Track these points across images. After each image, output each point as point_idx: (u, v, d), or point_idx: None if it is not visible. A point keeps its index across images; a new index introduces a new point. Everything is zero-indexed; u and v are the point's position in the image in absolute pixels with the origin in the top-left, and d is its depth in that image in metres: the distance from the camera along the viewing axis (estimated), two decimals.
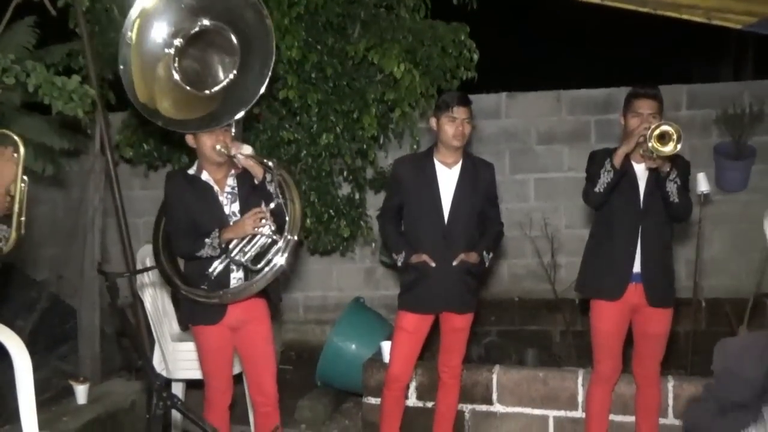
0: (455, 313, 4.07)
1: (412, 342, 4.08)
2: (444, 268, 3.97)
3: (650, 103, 3.79)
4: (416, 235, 4.02)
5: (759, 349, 2.13)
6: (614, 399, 4.16)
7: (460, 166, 4.03)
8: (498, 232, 4.21)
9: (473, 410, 4.53)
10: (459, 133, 3.92)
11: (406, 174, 4.06)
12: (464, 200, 4.00)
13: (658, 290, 3.91)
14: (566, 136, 6.57)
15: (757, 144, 6.25)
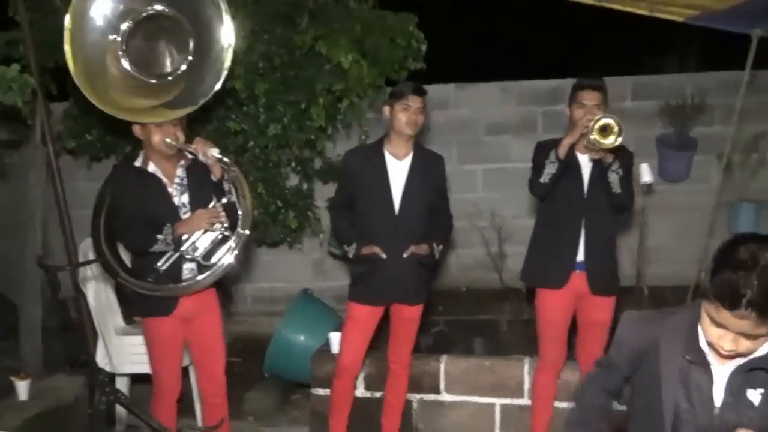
0: (406, 304, 4.09)
1: (363, 333, 4.08)
2: (395, 260, 3.98)
3: (595, 94, 3.85)
4: (367, 226, 4.02)
5: (646, 323, 2.20)
6: (559, 386, 4.21)
7: (410, 158, 4.04)
8: (448, 225, 4.24)
9: (421, 400, 4.56)
10: (412, 122, 3.93)
11: (357, 166, 4.05)
12: (415, 192, 4.01)
13: (602, 279, 3.98)
14: (514, 127, 6.62)
15: (699, 135, 6.36)
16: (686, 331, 2.10)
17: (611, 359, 2.32)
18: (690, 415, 2.09)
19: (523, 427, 4.31)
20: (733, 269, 1.86)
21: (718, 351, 2.00)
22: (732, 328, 1.90)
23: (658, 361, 2.12)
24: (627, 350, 2.24)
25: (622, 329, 2.30)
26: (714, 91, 6.32)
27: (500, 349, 5.88)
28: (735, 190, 6.23)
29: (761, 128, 6.26)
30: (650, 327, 2.18)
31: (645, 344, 2.16)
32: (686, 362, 2.08)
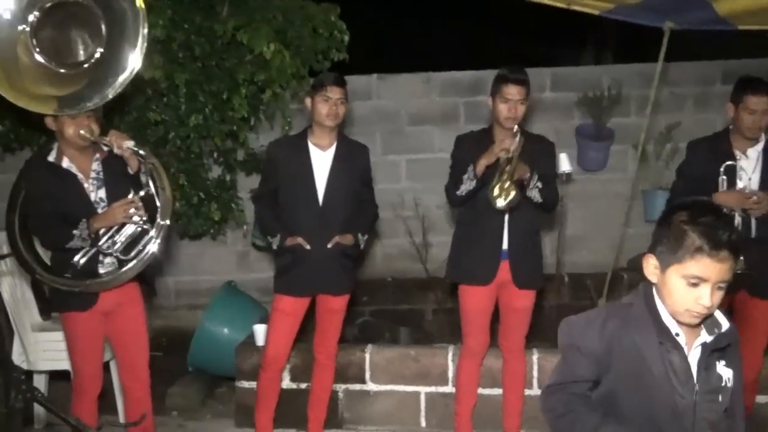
0: (331, 295, 4.09)
1: (289, 324, 4.07)
2: (319, 251, 3.98)
3: (518, 89, 3.87)
4: (292, 217, 4.01)
5: (599, 323, 2.18)
6: (483, 372, 4.29)
7: (334, 149, 4.04)
8: (373, 214, 4.26)
9: (347, 390, 4.57)
10: (332, 113, 3.92)
11: (281, 157, 4.04)
12: (339, 183, 4.01)
13: (525, 273, 4.04)
14: (436, 117, 6.67)
15: (616, 125, 6.53)
16: (650, 316, 2.14)
17: (571, 375, 2.22)
18: (681, 398, 2.12)
19: (448, 414, 4.37)
20: (701, 222, 2.02)
21: (690, 315, 2.07)
22: (713, 276, 2.02)
23: (641, 354, 2.11)
24: (589, 356, 2.17)
25: (572, 337, 2.22)
26: (630, 82, 6.49)
27: (425, 338, 5.94)
28: (650, 179, 6.43)
29: (675, 118, 6.47)
30: (607, 324, 2.16)
31: (607, 343, 2.14)
32: (663, 347, 2.12)
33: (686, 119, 6.48)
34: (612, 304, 2.28)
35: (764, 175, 3.98)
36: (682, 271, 2.04)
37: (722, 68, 6.55)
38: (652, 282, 2.14)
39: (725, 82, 6.45)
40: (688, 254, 2.02)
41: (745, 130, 3.94)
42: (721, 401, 2.14)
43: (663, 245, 2.07)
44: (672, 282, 2.07)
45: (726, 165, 3.98)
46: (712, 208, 2.12)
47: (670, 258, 2.06)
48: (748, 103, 3.88)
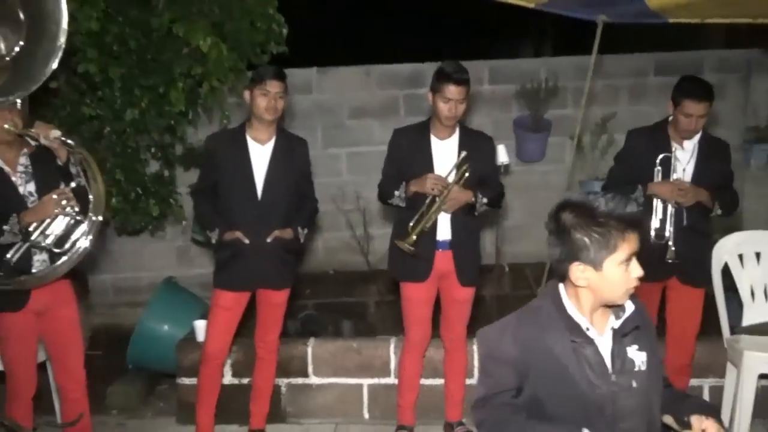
0: (271, 290, 4.08)
1: (228, 319, 4.05)
2: (259, 245, 3.96)
3: (459, 89, 3.87)
4: (231, 212, 3.98)
5: (512, 330, 2.21)
6: (425, 364, 4.32)
7: (273, 143, 4.01)
8: (313, 209, 4.25)
9: (289, 383, 4.56)
10: (272, 107, 3.89)
11: (219, 150, 4.00)
12: (278, 177, 3.99)
13: (468, 270, 4.09)
14: (377, 110, 6.69)
15: (553, 117, 6.63)
16: (560, 316, 2.18)
17: (495, 386, 2.23)
18: (598, 391, 2.16)
19: (391, 405, 4.39)
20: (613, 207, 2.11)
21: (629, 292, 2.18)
22: (636, 247, 2.14)
23: (554, 355, 2.15)
24: (508, 364, 2.19)
25: (490, 347, 2.26)
26: (566, 74, 6.59)
27: (368, 330, 5.97)
28: (587, 169, 6.55)
29: (610, 110, 6.60)
30: (519, 330, 2.20)
31: (522, 349, 2.17)
32: (574, 344, 2.16)
33: (621, 110, 6.63)
34: (522, 309, 2.29)
35: (698, 167, 4.07)
36: (618, 259, 2.10)
37: (655, 60, 6.71)
38: (579, 285, 2.16)
39: (658, 73, 6.61)
40: (619, 240, 2.08)
41: (681, 130, 4.03)
42: (636, 386, 2.19)
43: (589, 247, 2.10)
44: (611, 274, 2.12)
45: (662, 156, 4.07)
46: (593, 195, 2.17)
47: (603, 254, 2.10)
48: (686, 108, 3.95)
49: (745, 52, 6.68)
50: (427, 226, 3.93)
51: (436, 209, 3.92)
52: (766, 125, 6.67)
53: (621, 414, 2.17)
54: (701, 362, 4.34)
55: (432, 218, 3.93)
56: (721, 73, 6.64)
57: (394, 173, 4.06)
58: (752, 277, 4.38)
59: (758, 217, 6.40)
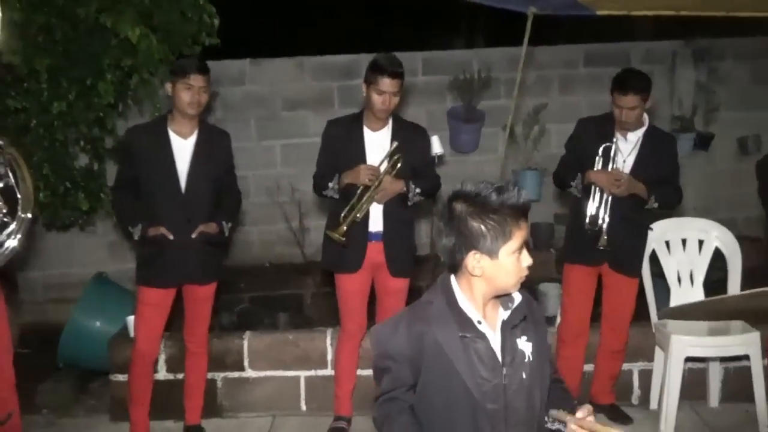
0: (198, 284, 4.03)
1: (157, 316, 4.00)
2: (183, 240, 3.90)
3: (393, 81, 3.88)
4: (153, 207, 3.90)
5: (404, 326, 2.19)
6: (361, 354, 4.33)
7: (195, 136, 3.94)
8: (237, 201, 4.22)
9: (225, 378, 4.53)
10: (195, 102, 3.83)
11: (140, 144, 3.91)
12: (201, 171, 3.93)
13: (399, 261, 4.10)
14: (311, 101, 6.68)
15: (486, 108, 6.70)
16: (450, 311, 2.17)
17: (391, 383, 2.20)
18: (488, 385, 2.15)
19: (328, 397, 4.39)
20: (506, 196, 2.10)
21: (521, 280, 2.17)
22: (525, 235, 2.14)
23: (443, 350, 2.14)
24: (403, 360, 2.17)
25: (383, 345, 2.23)
26: (499, 66, 6.67)
27: (305, 322, 5.94)
28: (520, 159, 6.65)
29: (541, 101, 6.70)
30: (411, 326, 2.18)
31: (415, 345, 2.15)
32: (465, 339, 2.15)
33: (552, 101, 6.74)
34: (414, 304, 2.27)
35: (639, 159, 4.15)
36: (512, 247, 2.10)
37: (584, 52, 6.83)
38: (475, 275, 2.15)
39: (587, 65, 6.75)
40: (514, 229, 2.09)
41: (619, 122, 4.12)
42: (525, 377, 2.19)
43: (485, 236, 2.09)
44: (506, 262, 2.11)
45: (604, 146, 4.15)
46: (482, 184, 2.15)
47: (499, 243, 2.09)
48: (616, 100, 4.05)
49: (670, 43, 6.86)
50: (358, 216, 3.93)
51: (368, 199, 3.93)
52: (690, 115, 6.86)
53: (510, 407, 2.17)
54: (631, 347, 4.44)
55: (363, 209, 3.94)
56: (648, 64, 6.78)
57: (328, 165, 4.06)
58: (679, 263, 4.51)
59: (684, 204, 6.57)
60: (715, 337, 4.18)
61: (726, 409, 4.48)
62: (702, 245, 4.51)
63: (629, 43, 6.92)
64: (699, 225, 4.60)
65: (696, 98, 6.87)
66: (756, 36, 6.67)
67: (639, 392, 4.59)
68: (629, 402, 4.57)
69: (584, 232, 4.15)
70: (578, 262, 4.27)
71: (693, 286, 4.49)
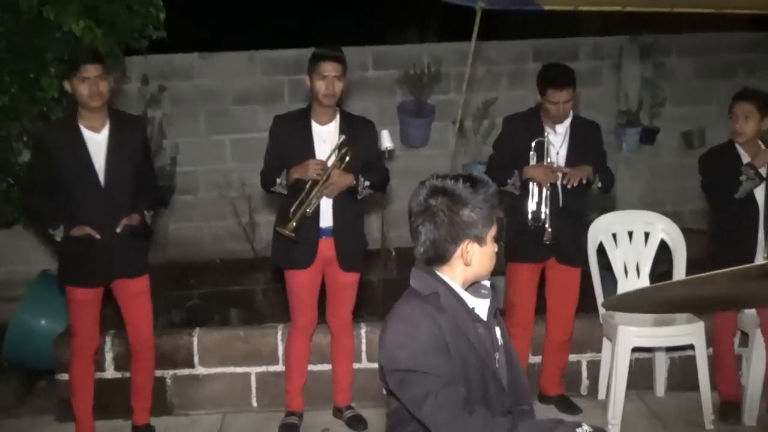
0: (128, 279, 3.96)
1: (89, 312, 3.93)
2: (108, 236, 3.81)
3: (334, 65, 3.90)
4: (75, 206, 3.78)
5: (428, 315, 2.14)
6: (312, 349, 4.32)
7: (108, 129, 3.83)
8: (153, 187, 4.15)
9: (175, 375, 4.47)
10: (94, 93, 3.70)
11: (52, 142, 3.78)
12: (119, 163, 3.83)
13: (350, 256, 4.10)
14: (261, 96, 6.63)
15: (436, 102, 6.73)
16: (456, 300, 2.19)
17: (437, 380, 2.08)
18: (493, 365, 2.21)
19: (279, 392, 4.36)
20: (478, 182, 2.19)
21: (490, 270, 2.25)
22: None
23: (467, 338, 2.15)
24: (438, 350, 2.11)
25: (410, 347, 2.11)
26: (449, 60, 6.70)
27: (256, 318, 5.92)
28: (470, 154, 6.68)
29: (491, 95, 6.74)
30: (432, 320, 2.14)
31: (440, 335, 2.12)
32: (476, 325, 2.20)
33: (502, 95, 6.78)
34: (416, 299, 2.20)
35: (570, 150, 4.22)
36: (493, 233, 2.20)
37: (533, 47, 6.90)
38: (466, 265, 2.18)
39: (536, 59, 6.80)
40: (493, 214, 2.19)
41: (550, 116, 4.17)
42: (503, 360, 2.27)
43: (477, 223, 2.15)
44: (491, 247, 2.21)
45: (536, 141, 4.19)
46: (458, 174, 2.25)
47: (487, 228, 2.17)
48: (549, 96, 4.10)
49: (616, 39, 6.96)
50: (308, 211, 3.92)
51: (317, 194, 3.91)
52: (636, 109, 6.97)
53: (502, 388, 2.24)
54: (579, 338, 4.50)
55: (313, 203, 3.92)
56: (595, 59, 6.91)
57: (276, 160, 4.03)
58: (625, 255, 4.58)
59: (630, 197, 6.71)
60: (661, 327, 4.25)
61: (672, 397, 4.56)
62: (648, 237, 4.58)
63: (577, 39, 7.01)
64: (645, 218, 4.68)
65: (642, 93, 6.97)
66: (700, 32, 6.81)
67: (588, 383, 4.65)
68: (578, 392, 4.63)
69: (527, 230, 4.19)
70: (525, 260, 4.29)
71: (639, 277, 4.56)
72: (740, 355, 4.46)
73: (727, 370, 4.29)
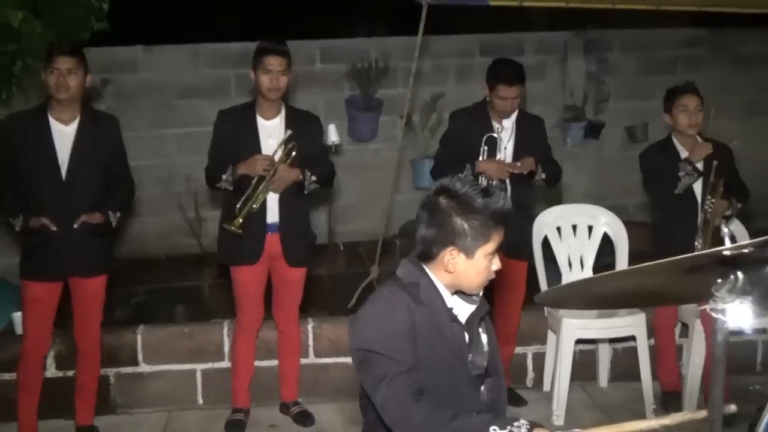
0: (84, 278, 3.90)
1: (43, 311, 3.86)
2: (66, 231, 3.76)
3: (278, 59, 3.90)
4: (34, 197, 3.75)
5: (396, 304, 2.15)
6: (259, 345, 4.29)
7: (77, 123, 3.81)
8: (128, 191, 4.11)
9: (118, 374, 4.41)
10: (61, 85, 3.69)
11: (17, 131, 3.77)
12: (84, 158, 3.80)
13: (296, 251, 4.08)
14: (206, 90, 6.53)
15: (384, 96, 6.73)
16: (437, 294, 2.19)
17: (396, 365, 2.08)
18: (461, 366, 2.20)
19: (225, 389, 4.33)
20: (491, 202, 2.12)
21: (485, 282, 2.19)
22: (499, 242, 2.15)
23: (439, 330, 2.15)
24: (405, 339, 2.11)
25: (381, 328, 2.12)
26: (396, 54, 6.69)
27: (203, 314, 5.85)
28: (418, 148, 6.69)
29: (439, 89, 6.76)
30: (407, 307, 2.15)
31: (411, 324, 2.12)
32: (451, 322, 2.19)
33: (449, 90, 6.80)
34: (392, 285, 2.22)
35: (517, 144, 4.27)
36: (488, 250, 2.13)
37: (480, 41, 6.93)
38: (449, 270, 2.16)
39: (483, 54, 6.83)
40: (493, 232, 2.13)
41: (498, 111, 4.20)
42: (485, 365, 2.28)
43: (466, 234, 2.11)
44: (480, 263, 2.14)
45: (487, 136, 4.22)
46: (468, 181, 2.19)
47: (478, 243, 2.12)
48: (500, 92, 4.13)
49: (562, 34, 7.03)
50: (254, 207, 3.89)
51: (264, 189, 3.89)
52: (582, 104, 7.05)
53: (472, 392, 2.24)
54: (525, 330, 4.56)
55: (259, 199, 3.90)
56: (541, 54, 6.97)
57: (221, 156, 4.00)
58: (569, 248, 4.64)
59: (576, 191, 6.79)
60: (604, 319, 4.32)
61: (615, 388, 4.64)
62: (591, 231, 4.65)
63: (523, 34, 7.06)
64: (589, 211, 4.75)
65: (587, 88, 7.06)
66: (643, 28, 6.92)
67: (533, 374, 4.70)
68: (524, 385, 4.68)
69: None
70: None
71: (583, 270, 4.62)
72: (681, 346, 4.56)
73: (668, 360, 4.38)
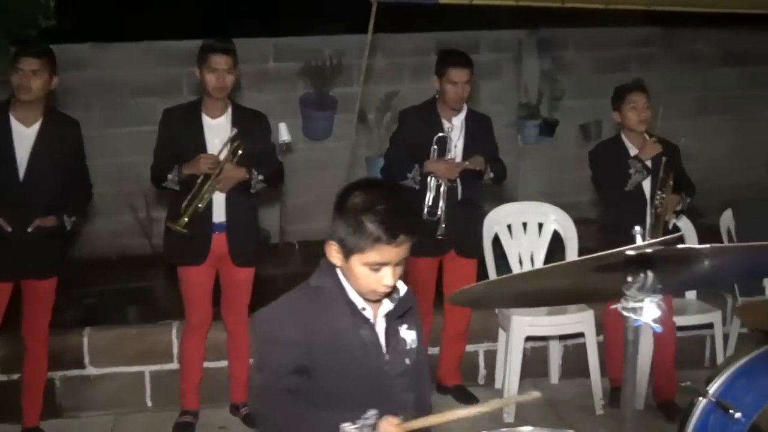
0: (36, 280, 3.85)
1: None
2: (20, 233, 3.72)
3: (225, 58, 3.87)
4: None
5: (292, 309, 2.16)
6: (208, 346, 4.24)
7: (39, 124, 3.77)
8: (86, 195, 4.08)
9: (64, 377, 4.33)
10: (26, 86, 3.65)
11: None
12: (43, 160, 3.77)
13: (244, 251, 4.05)
14: (159, 88, 6.47)
15: (339, 95, 6.71)
16: (341, 295, 2.16)
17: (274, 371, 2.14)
18: (374, 368, 2.18)
19: (174, 391, 4.27)
20: (377, 210, 2.02)
21: (376, 294, 2.13)
22: (394, 259, 2.07)
23: (337, 334, 2.13)
24: (292, 345, 2.12)
25: (270, 330, 2.16)
26: (351, 53, 6.67)
27: (155, 315, 5.77)
28: (372, 146, 6.69)
29: (394, 87, 6.76)
30: (300, 310, 2.15)
31: (304, 328, 2.12)
32: (355, 323, 2.16)
33: (404, 88, 6.80)
34: (300, 288, 2.22)
35: (467, 143, 4.28)
36: (365, 260, 2.07)
37: (435, 40, 6.93)
38: (333, 262, 2.15)
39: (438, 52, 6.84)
40: (369, 244, 2.04)
41: (449, 101, 4.21)
42: (408, 363, 2.25)
43: (343, 235, 2.06)
44: (356, 269, 2.10)
45: (438, 136, 4.22)
46: (385, 191, 2.13)
47: (352, 248, 2.06)
48: (450, 75, 4.14)
49: (516, 33, 7.06)
50: (200, 206, 3.85)
51: (209, 188, 3.85)
52: (536, 102, 7.10)
53: (395, 391, 2.22)
54: (476, 328, 4.56)
55: (205, 198, 3.86)
56: (495, 52, 7.01)
57: (166, 155, 3.96)
58: (520, 246, 4.66)
59: (529, 189, 6.83)
60: (553, 316, 4.34)
61: (565, 384, 4.68)
62: (541, 228, 4.67)
63: (478, 32, 7.08)
64: (539, 209, 4.77)
65: (541, 86, 7.11)
66: (597, 26, 6.98)
67: (485, 372, 4.72)
68: (476, 382, 4.70)
69: (423, 225, 4.19)
70: (421, 254, 4.30)
71: (533, 266, 4.64)
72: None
73: (616, 356, 4.42)
